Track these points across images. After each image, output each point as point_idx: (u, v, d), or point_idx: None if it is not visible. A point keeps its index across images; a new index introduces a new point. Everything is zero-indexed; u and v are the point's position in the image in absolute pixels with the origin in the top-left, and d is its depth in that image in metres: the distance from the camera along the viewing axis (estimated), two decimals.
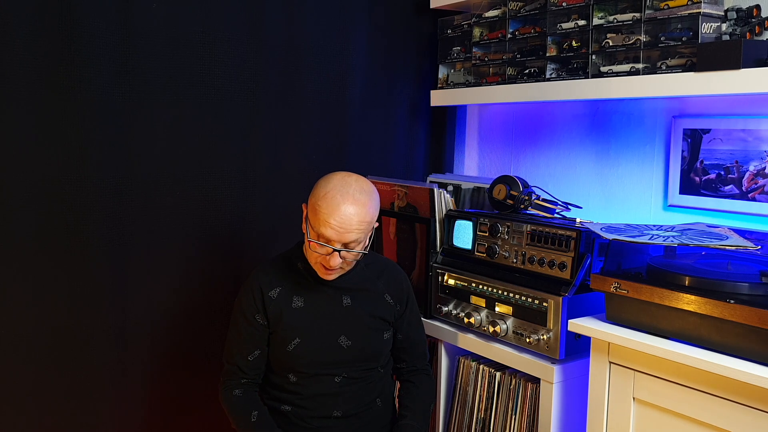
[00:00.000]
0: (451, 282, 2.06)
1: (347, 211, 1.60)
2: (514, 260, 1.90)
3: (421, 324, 1.93)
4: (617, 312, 1.58)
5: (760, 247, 1.48)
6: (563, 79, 2.04)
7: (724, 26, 1.74)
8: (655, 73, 1.81)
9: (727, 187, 1.87)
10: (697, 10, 1.71)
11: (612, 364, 1.58)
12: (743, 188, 1.84)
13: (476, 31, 2.36)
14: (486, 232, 1.98)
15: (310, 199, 1.67)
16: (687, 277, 1.48)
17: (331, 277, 1.72)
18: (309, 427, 1.76)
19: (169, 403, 2.16)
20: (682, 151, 1.97)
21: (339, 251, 1.63)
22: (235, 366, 1.76)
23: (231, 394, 1.75)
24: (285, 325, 1.74)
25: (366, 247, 1.70)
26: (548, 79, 2.09)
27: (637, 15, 1.85)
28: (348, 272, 1.76)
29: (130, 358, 2.08)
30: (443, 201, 2.14)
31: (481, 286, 1.96)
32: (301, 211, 1.74)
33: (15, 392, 1.92)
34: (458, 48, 2.45)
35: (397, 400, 1.93)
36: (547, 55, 2.09)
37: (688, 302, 1.42)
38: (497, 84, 2.26)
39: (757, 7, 1.71)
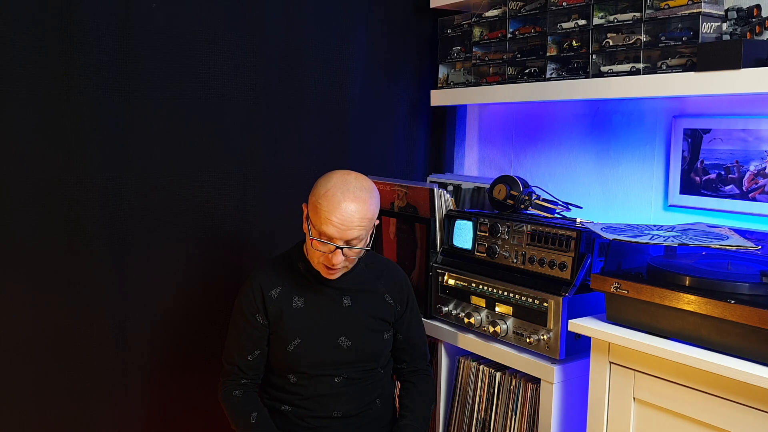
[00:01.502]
0: (451, 282, 2.06)
1: (348, 208, 1.60)
2: (514, 260, 1.90)
3: (421, 324, 1.93)
4: (617, 312, 1.58)
5: (760, 247, 1.48)
6: (563, 79, 2.04)
7: (724, 26, 1.74)
8: (656, 73, 1.81)
9: (727, 187, 1.87)
10: (698, 10, 1.71)
11: (612, 364, 1.58)
12: (743, 188, 1.84)
13: (476, 31, 2.36)
14: (486, 232, 1.98)
15: (311, 198, 1.67)
16: (687, 277, 1.47)
17: (335, 276, 1.72)
18: (309, 426, 1.75)
19: (169, 402, 2.16)
20: (683, 151, 1.97)
21: (341, 249, 1.63)
22: (235, 366, 1.76)
23: (230, 394, 1.75)
24: (285, 325, 1.74)
25: (368, 244, 1.70)
26: (548, 79, 2.09)
27: (638, 15, 1.85)
28: (348, 272, 1.76)
29: (130, 358, 2.08)
30: (443, 201, 2.13)
31: (481, 286, 1.96)
32: (302, 211, 1.74)
33: (15, 392, 1.92)
34: (458, 48, 2.45)
35: (397, 400, 1.93)
36: (547, 54, 2.09)
37: (689, 302, 1.42)
38: (497, 84, 2.26)
39: (758, 6, 1.71)
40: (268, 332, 1.76)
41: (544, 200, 2.02)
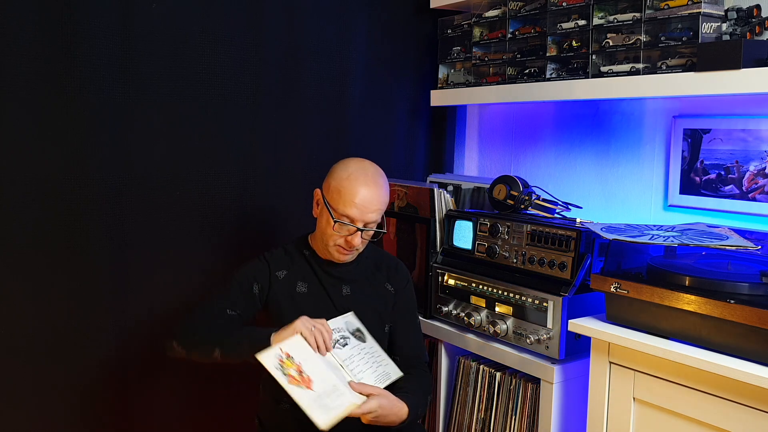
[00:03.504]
0: (451, 282, 2.06)
1: (369, 192, 1.70)
2: (514, 260, 1.90)
3: (418, 326, 1.92)
4: (617, 312, 1.58)
5: (760, 247, 1.48)
6: (563, 79, 2.04)
7: (724, 26, 1.74)
8: (655, 73, 1.81)
9: (727, 187, 1.87)
10: (698, 10, 1.71)
11: (612, 364, 1.58)
12: (743, 188, 1.84)
13: (476, 31, 2.36)
14: (486, 232, 1.98)
15: (331, 182, 1.73)
16: (687, 277, 1.48)
17: (347, 258, 1.76)
18: (309, 425, 1.75)
19: (169, 402, 2.16)
20: (682, 151, 1.97)
21: (362, 230, 1.70)
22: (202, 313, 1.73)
23: (187, 320, 1.72)
24: (286, 310, 1.75)
25: (383, 226, 1.77)
26: (548, 79, 2.09)
27: (638, 15, 1.85)
28: (350, 263, 1.80)
29: (130, 358, 2.08)
30: (443, 201, 2.14)
31: (481, 286, 1.96)
32: (312, 198, 1.78)
33: (15, 392, 1.92)
34: (458, 48, 2.45)
35: None
36: (547, 55, 2.09)
37: (689, 302, 1.42)
38: (497, 84, 2.26)
39: (757, 7, 1.71)
40: (254, 308, 1.76)
41: (544, 200, 2.02)
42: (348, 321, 1.76)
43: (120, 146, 2.01)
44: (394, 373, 1.74)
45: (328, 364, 1.62)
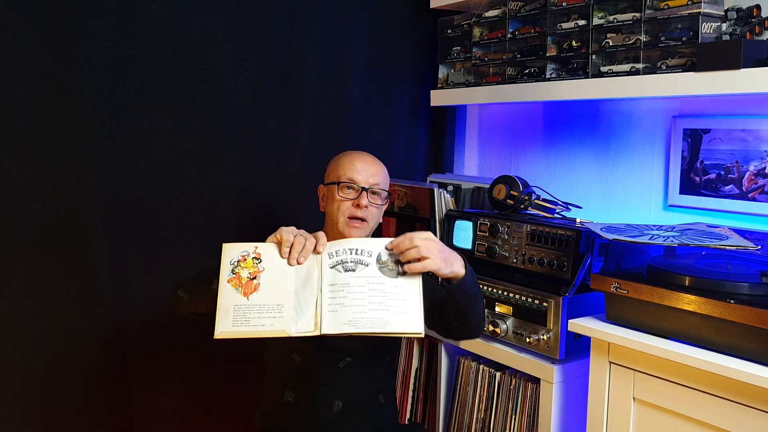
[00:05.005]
0: None
1: (365, 159, 1.77)
2: (514, 260, 1.90)
3: None
4: (617, 312, 1.58)
5: (760, 247, 1.48)
6: (563, 79, 2.04)
7: (724, 26, 1.74)
8: (655, 73, 1.81)
9: (727, 187, 1.87)
10: (698, 10, 1.71)
11: (612, 364, 1.58)
12: (743, 188, 1.84)
13: (476, 31, 2.36)
14: (486, 232, 1.98)
15: (328, 168, 1.79)
16: (687, 277, 1.48)
17: (360, 229, 1.74)
18: (310, 421, 1.75)
19: (169, 401, 2.16)
20: (682, 151, 1.97)
21: (367, 191, 1.73)
22: None
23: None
24: None
25: (387, 198, 1.79)
26: (548, 79, 2.09)
27: (637, 15, 1.85)
28: None
29: (130, 358, 2.08)
30: (443, 201, 2.14)
31: (481, 286, 1.96)
32: (317, 199, 1.80)
33: (15, 392, 1.92)
34: (458, 48, 2.45)
35: (397, 399, 1.92)
36: (547, 55, 2.09)
37: (688, 302, 1.42)
38: (497, 84, 2.26)
39: (757, 7, 1.71)
40: None
41: (544, 200, 2.02)
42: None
43: (120, 146, 2.01)
44: (400, 325, 1.38)
45: (304, 283, 1.44)
